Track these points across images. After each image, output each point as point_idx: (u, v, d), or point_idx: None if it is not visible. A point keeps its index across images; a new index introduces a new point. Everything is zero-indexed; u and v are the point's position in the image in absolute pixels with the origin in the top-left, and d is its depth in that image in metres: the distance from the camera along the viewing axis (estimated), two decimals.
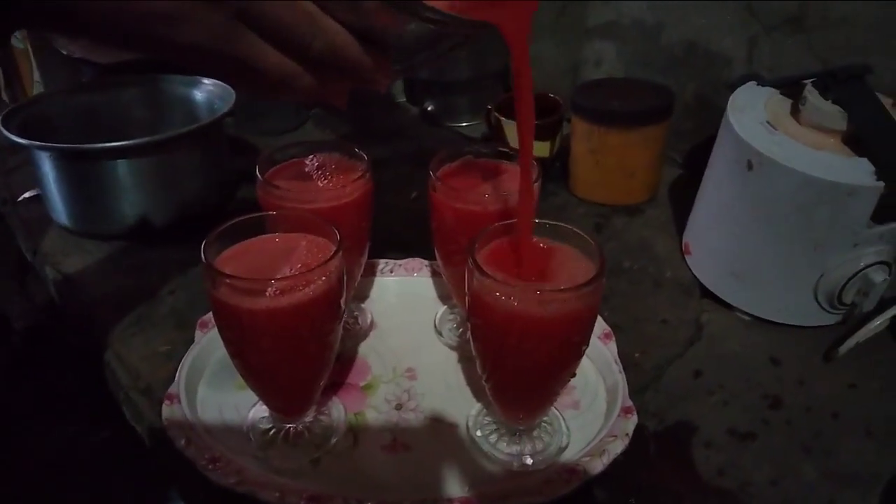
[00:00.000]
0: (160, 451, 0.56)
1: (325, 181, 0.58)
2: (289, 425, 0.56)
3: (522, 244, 0.50)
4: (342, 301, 0.50)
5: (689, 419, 0.60)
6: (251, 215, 0.51)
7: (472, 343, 0.51)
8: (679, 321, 0.71)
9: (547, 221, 0.51)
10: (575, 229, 0.50)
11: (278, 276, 0.46)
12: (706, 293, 0.74)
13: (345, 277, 0.49)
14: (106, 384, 0.68)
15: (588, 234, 0.49)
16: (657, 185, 0.91)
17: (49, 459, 1.43)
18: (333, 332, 0.50)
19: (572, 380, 0.52)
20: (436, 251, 0.63)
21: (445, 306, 0.70)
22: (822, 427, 0.60)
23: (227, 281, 0.45)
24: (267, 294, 0.45)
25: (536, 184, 0.57)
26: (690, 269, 0.77)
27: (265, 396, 0.54)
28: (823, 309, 0.68)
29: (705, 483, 0.55)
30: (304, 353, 0.49)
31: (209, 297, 0.48)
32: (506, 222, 0.51)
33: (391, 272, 0.73)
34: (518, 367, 0.49)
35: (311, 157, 0.61)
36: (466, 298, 0.49)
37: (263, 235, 0.51)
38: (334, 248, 0.49)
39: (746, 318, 0.71)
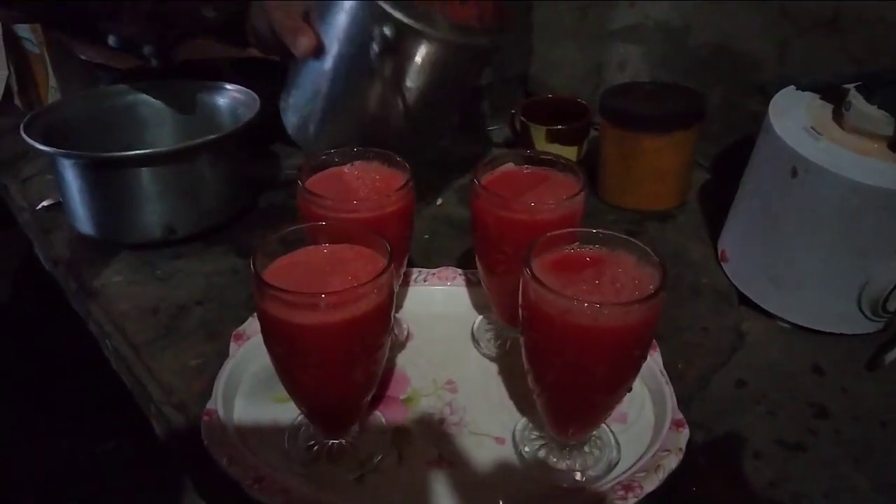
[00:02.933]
0: (197, 469, 0.55)
1: (368, 190, 0.57)
2: (331, 441, 0.54)
3: (579, 254, 0.49)
4: (392, 314, 0.49)
5: (736, 430, 0.59)
6: (300, 226, 0.50)
7: (525, 357, 0.50)
8: (720, 329, 0.69)
9: (601, 230, 0.50)
10: (630, 239, 0.49)
11: (330, 290, 0.44)
12: (744, 300, 0.73)
13: (395, 290, 0.48)
14: (114, 395, 0.67)
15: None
16: (687, 190, 0.89)
17: (55, 470, 1.41)
18: (383, 347, 0.49)
19: None
20: (477, 261, 0.61)
21: (482, 316, 0.69)
22: (871, 437, 0.58)
23: (278, 294, 0.44)
24: (319, 309, 0.44)
25: (582, 193, 0.56)
26: (728, 276, 0.75)
27: (311, 413, 0.52)
28: (866, 317, 0.66)
29: (758, 497, 0.53)
30: (353, 368, 0.48)
31: (257, 311, 0.46)
32: (561, 231, 0.49)
33: (425, 281, 0.71)
34: (575, 383, 0.47)
35: (350, 165, 0.60)
36: (521, 311, 0.48)
37: (311, 246, 0.50)
38: (383, 260, 0.47)
39: (786, 325, 0.70)
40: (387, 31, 0.68)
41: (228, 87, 0.88)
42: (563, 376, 0.47)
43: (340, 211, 0.54)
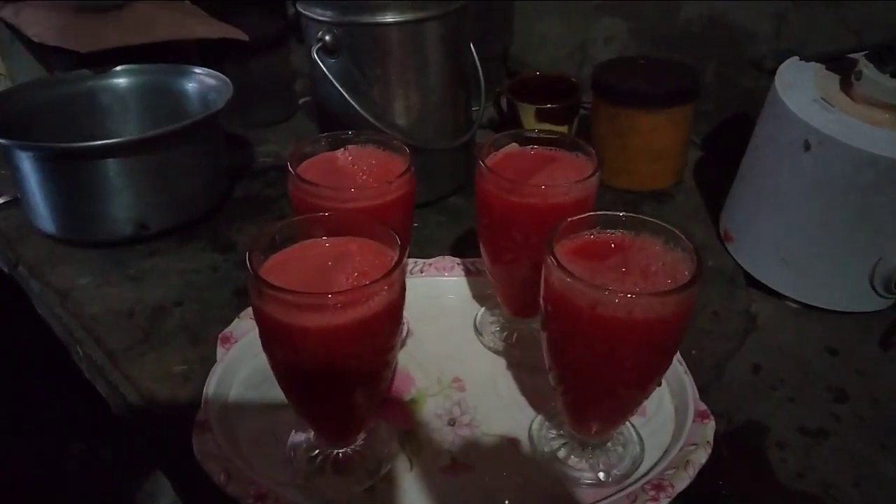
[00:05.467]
0: (188, 487, 0.50)
1: (365, 176, 0.52)
2: (336, 450, 0.50)
3: (602, 240, 0.45)
4: (403, 312, 0.44)
5: (757, 419, 0.56)
6: (297, 218, 0.45)
7: (546, 353, 0.46)
8: (730, 313, 0.67)
9: (625, 213, 0.46)
10: (656, 221, 0.45)
11: (337, 289, 0.40)
12: (751, 281, 0.70)
13: (406, 286, 0.44)
14: (80, 397, 0.61)
15: (674, 227, 0.45)
16: (683, 168, 0.86)
17: (23, 473, 1.35)
18: (394, 349, 0.45)
19: None
20: (482, 248, 0.57)
21: (484, 307, 0.65)
22: (893, 420, 0.57)
23: (280, 295, 0.39)
24: (326, 309, 0.39)
25: (597, 175, 0.52)
26: (733, 257, 0.73)
27: (316, 421, 0.48)
28: (878, 294, 0.64)
29: (787, 489, 0.51)
30: (362, 373, 0.44)
31: (255, 313, 0.42)
32: (583, 215, 0.45)
33: (422, 272, 0.67)
34: (604, 379, 0.44)
35: (343, 150, 0.55)
36: (543, 304, 0.44)
37: (310, 240, 0.45)
38: (391, 252, 0.43)
39: (795, 305, 0.68)
40: (327, 38, 0.70)
41: (197, 70, 0.83)
42: (590, 372, 0.44)
43: (338, 200, 0.49)
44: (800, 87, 0.65)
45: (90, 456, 1.39)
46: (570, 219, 0.45)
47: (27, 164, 0.69)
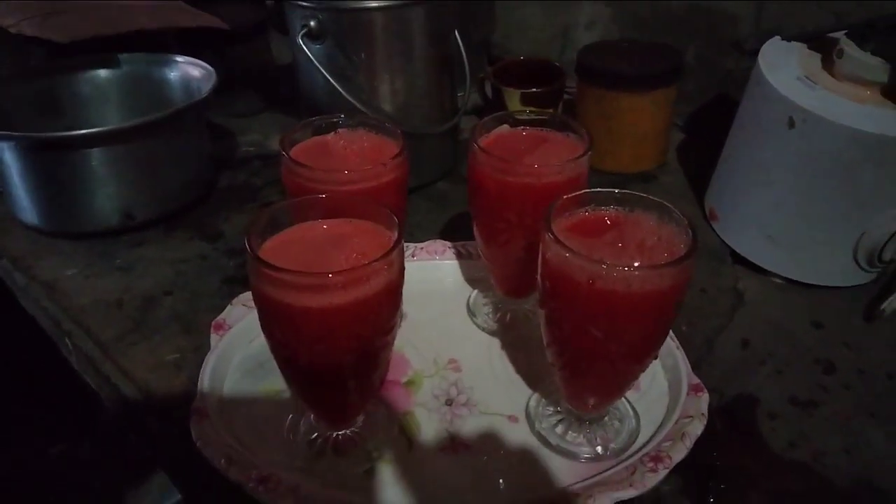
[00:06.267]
0: (185, 474, 0.50)
1: (358, 159, 0.52)
2: (335, 433, 0.50)
3: (597, 216, 0.46)
4: (402, 293, 0.45)
5: (748, 391, 0.57)
6: (292, 200, 0.45)
7: (545, 331, 0.46)
8: (717, 290, 0.68)
9: (619, 190, 0.47)
10: (649, 197, 0.46)
11: (338, 269, 0.40)
12: (737, 259, 0.71)
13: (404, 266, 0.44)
14: (61, 396, 0.60)
15: (662, 199, 0.45)
16: (666, 150, 0.87)
17: (3, 475, 1.33)
18: (394, 329, 0.45)
19: None
20: (476, 230, 0.57)
21: (476, 290, 0.65)
22: (880, 389, 0.58)
23: (280, 276, 0.39)
24: (327, 289, 0.39)
25: (589, 154, 0.52)
26: (718, 235, 0.74)
27: (315, 404, 0.48)
28: (861, 268, 0.66)
29: (779, 458, 0.52)
30: (364, 354, 0.44)
31: (255, 295, 0.42)
32: (578, 193, 0.46)
33: (413, 256, 0.67)
34: (603, 354, 0.44)
35: (334, 133, 0.55)
36: (541, 281, 0.44)
37: (307, 222, 0.45)
38: (389, 233, 0.44)
39: (780, 281, 0.69)
40: (312, 23, 0.71)
41: (179, 59, 0.82)
42: (590, 348, 0.44)
43: (333, 183, 0.49)
44: (783, 66, 0.66)
45: (72, 456, 1.38)
46: (565, 196, 0.45)
47: (8, 155, 0.68)
